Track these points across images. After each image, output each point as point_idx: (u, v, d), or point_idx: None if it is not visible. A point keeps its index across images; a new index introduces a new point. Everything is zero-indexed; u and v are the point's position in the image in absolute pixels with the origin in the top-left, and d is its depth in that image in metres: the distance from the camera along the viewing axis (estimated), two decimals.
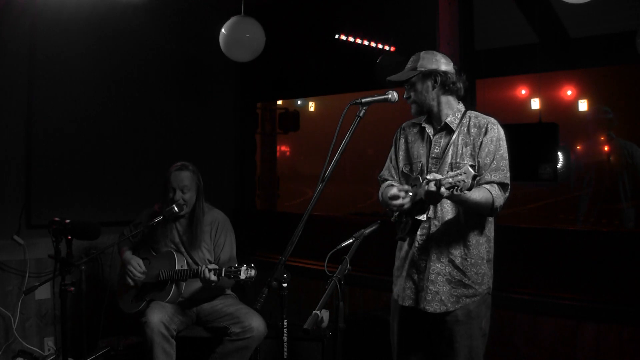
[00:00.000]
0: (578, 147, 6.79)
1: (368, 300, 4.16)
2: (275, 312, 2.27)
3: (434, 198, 2.22)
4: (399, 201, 2.37)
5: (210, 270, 3.24)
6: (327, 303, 2.04)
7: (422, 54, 2.54)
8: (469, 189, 2.08)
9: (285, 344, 2.26)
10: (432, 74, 2.50)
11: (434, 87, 2.52)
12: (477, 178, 2.08)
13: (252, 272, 3.14)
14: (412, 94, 2.54)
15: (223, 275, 3.19)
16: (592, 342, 3.19)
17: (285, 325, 2.23)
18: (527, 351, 3.41)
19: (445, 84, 2.51)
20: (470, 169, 2.05)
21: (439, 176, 2.14)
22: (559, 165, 3.61)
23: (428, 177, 2.17)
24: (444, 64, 2.52)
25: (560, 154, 3.64)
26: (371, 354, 3.59)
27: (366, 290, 4.16)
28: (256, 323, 3.36)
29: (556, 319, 3.33)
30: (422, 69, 2.51)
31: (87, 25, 4.18)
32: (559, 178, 3.50)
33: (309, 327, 1.96)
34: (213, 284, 3.27)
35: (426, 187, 2.16)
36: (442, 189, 2.11)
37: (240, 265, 3.14)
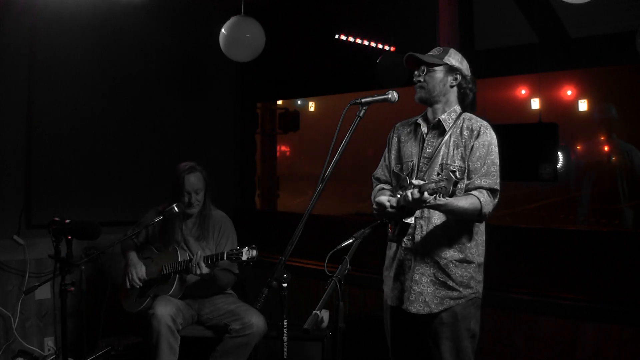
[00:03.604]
0: (578, 147, 6.79)
1: (368, 300, 4.16)
2: (275, 312, 2.27)
3: (417, 204, 2.23)
4: (386, 210, 2.40)
5: (201, 255, 3.28)
6: (327, 303, 2.04)
7: (451, 50, 2.56)
8: (450, 195, 2.09)
9: (285, 344, 2.26)
10: (457, 72, 2.53)
11: (451, 85, 2.54)
12: (458, 185, 2.11)
13: (254, 252, 3.17)
14: (426, 78, 2.53)
15: (225, 258, 3.21)
16: (592, 342, 3.20)
17: (285, 325, 2.23)
18: (527, 351, 3.41)
19: (461, 86, 2.54)
20: (452, 175, 2.07)
21: (421, 182, 2.17)
22: (559, 165, 3.60)
23: (413, 182, 2.19)
24: (466, 69, 2.56)
25: (560, 154, 3.63)
26: (371, 354, 3.59)
27: (366, 290, 4.16)
28: (256, 319, 3.37)
29: (556, 318, 3.33)
30: (449, 63, 2.52)
31: (87, 25, 4.18)
32: (559, 178, 3.49)
33: (309, 327, 1.96)
34: (199, 272, 3.27)
35: (409, 196, 2.19)
36: (425, 194, 2.15)
37: (242, 247, 3.16)
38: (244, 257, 3.15)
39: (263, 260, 4.35)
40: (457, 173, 2.10)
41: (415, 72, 2.56)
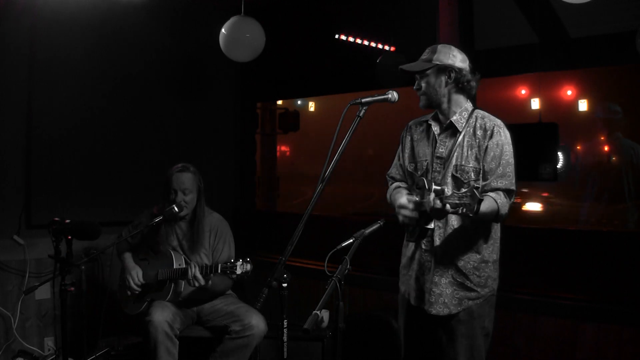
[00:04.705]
0: (578, 147, 6.79)
1: (368, 300, 4.16)
2: (275, 312, 2.27)
3: (439, 214, 2.24)
4: (407, 212, 2.41)
5: (196, 266, 3.25)
6: (327, 303, 2.04)
7: (439, 47, 2.52)
8: (474, 213, 2.07)
9: (285, 344, 2.25)
10: (448, 69, 2.48)
11: (447, 83, 2.50)
12: (483, 182, 2.09)
13: (248, 267, 3.13)
14: (423, 85, 2.52)
15: (219, 271, 3.19)
16: (592, 342, 3.20)
17: (285, 325, 2.23)
18: (527, 351, 3.41)
19: (459, 81, 2.49)
20: (476, 192, 2.05)
21: (447, 190, 2.15)
22: (559, 165, 3.61)
23: (434, 190, 2.17)
24: (460, 61, 2.50)
25: (560, 154, 3.64)
26: (371, 354, 3.59)
27: (366, 290, 4.16)
28: (256, 321, 3.36)
29: (556, 318, 3.33)
30: (438, 63, 2.48)
31: (88, 25, 4.18)
32: (559, 178, 3.50)
33: (309, 327, 1.96)
34: (198, 284, 3.25)
35: (432, 203, 2.18)
36: (447, 207, 2.14)
37: (236, 260, 3.14)
38: (238, 271, 3.11)
39: (263, 260, 4.35)
40: (479, 189, 2.08)
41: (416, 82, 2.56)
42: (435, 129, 2.57)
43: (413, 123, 2.72)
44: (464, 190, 2.13)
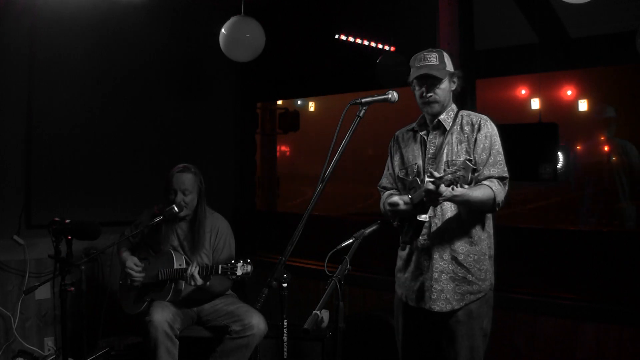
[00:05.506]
0: (578, 147, 6.79)
1: (368, 300, 4.16)
2: (275, 312, 2.27)
3: (434, 197, 2.24)
4: (399, 207, 2.47)
5: (197, 266, 3.25)
6: (327, 303, 2.04)
7: (444, 54, 2.59)
8: (469, 183, 2.11)
9: (285, 344, 2.26)
10: (453, 75, 2.60)
11: (452, 88, 2.61)
12: (476, 173, 2.11)
13: (249, 268, 3.13)
14: (437, 92, 2.55)
15: (220, 272, 3.19)
16: (592, 342, 3.20)
17: (285, 325, 2.23)
18: (526, 351, 3.41)
19: (457, 85, 2.62)
20: (468, 163, 2.08)
21: (437, 174, 2.17)
22: (559, 165, 3.61)
23: (427, 176, 2.20)
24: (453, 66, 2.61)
25: (560, 154, 3.64)
26: (371, 354, 3.59)
27: (366, 290, 4.16)
28: (256, 321, 3.36)
29: (556, 318, 3.33)
30: (449, 70, 2.57)
31: (88, 25, 4.18)
32: (559, 178, 3.50)
33: (309, 327, 1.97)
34: (194, 283, 3.25)
35: (425, 186, 2.19)
36: (442, 187, 2.15)
37: (237, 261, 3.14)
38: (239, 272, 3.11)
39: (263, 260, 4.35)
40: (472, 161, 2.12)
41: (422, 88, 2.55)
42: (423, 132, 2.63)
43: (399, 132, 2.79)
44: (455, 167, 2.15)
